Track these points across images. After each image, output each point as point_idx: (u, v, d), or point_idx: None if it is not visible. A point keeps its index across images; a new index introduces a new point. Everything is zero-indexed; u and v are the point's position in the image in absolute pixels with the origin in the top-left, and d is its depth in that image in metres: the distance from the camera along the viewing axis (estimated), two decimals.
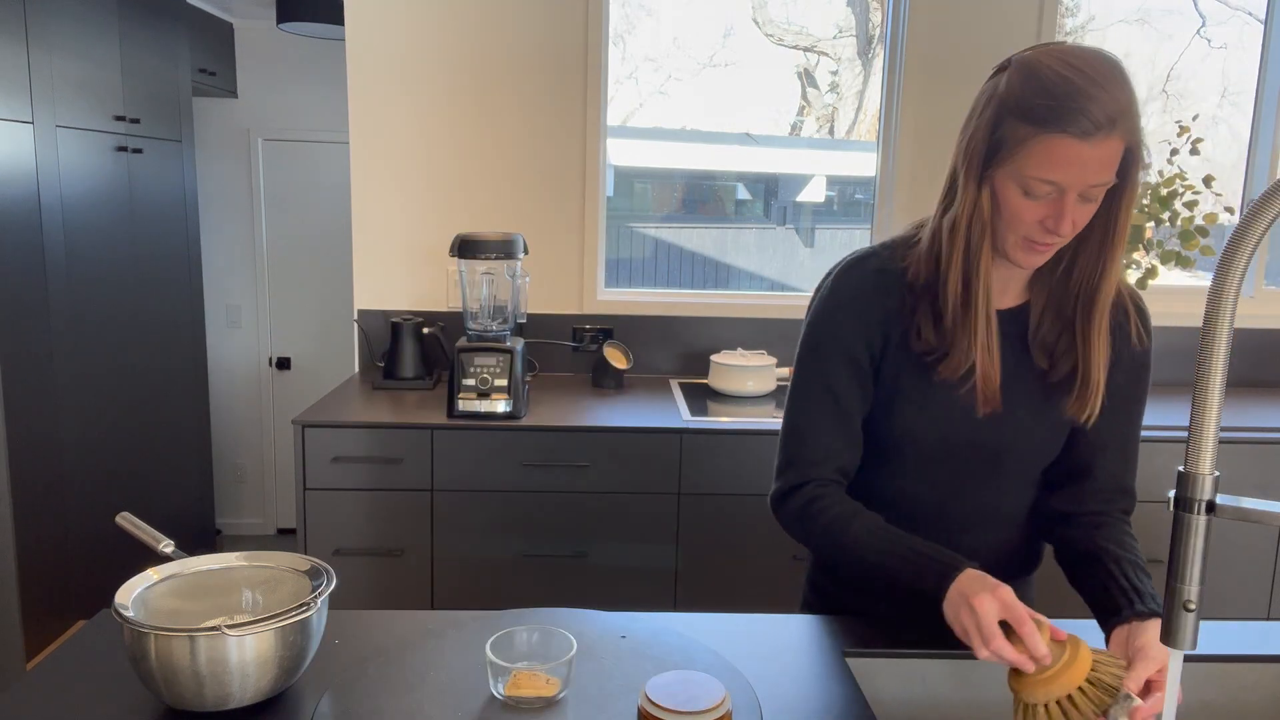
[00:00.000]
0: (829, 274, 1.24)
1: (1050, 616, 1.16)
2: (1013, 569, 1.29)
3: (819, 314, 1.22)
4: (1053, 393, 1.19)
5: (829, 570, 1.36)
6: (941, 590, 1.06)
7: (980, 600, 1.00)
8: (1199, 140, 2.60)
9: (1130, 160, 1.05)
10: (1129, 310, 1.21)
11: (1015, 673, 0.99)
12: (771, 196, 3.62)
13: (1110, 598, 1.10)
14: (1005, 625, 1.00)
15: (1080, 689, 0.95)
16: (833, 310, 1.21)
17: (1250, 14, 3.11)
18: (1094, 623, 1.15)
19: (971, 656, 1.17)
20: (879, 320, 1.19)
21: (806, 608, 1.40)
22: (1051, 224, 1.04)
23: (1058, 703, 0.95)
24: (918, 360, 1.18)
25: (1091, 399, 1.15)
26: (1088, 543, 1.19)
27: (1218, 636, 1.23)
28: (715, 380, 2.75)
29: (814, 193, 3.57)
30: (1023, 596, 1.33)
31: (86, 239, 3.05)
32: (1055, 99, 0.99)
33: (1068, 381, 1.19)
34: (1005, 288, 1.19)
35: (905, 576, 1.11)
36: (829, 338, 1.21)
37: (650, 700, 0.87)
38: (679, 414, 2.47)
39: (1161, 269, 2.64)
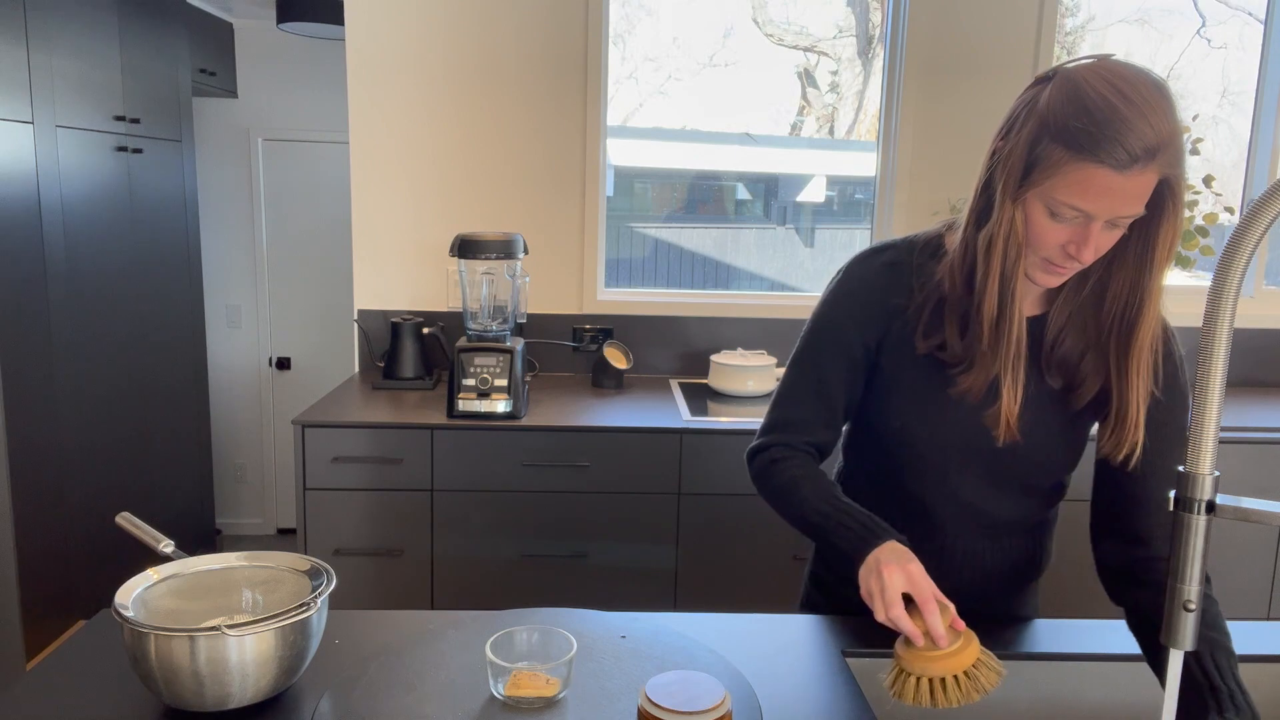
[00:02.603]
0: (845, 264, 1.26)
1: (1054, 617, 1.16)
2: (1012, 576, 1.28)
3: (825, 300, 1.25)
4: (1066, 413, 1.17)
5: (830, 565, 1.36)
6: (860, 555, 1.09)
7: (889, 569, 1.04)
8: (1199, 140, 2.61)
9: (1165, 192, 1.01)
10: (1171, 353, 1.16)
11: (905, 642, 1.03)
12: (771, 196, 3.62)
13: (1191, 697, 1.01)
14: (911, 600, 1.04)
15: (955, 677, 0.99)
16: (838, 298, 1.23)
17: (1250, 14, 3.11)
18: (1101, 623, 1.16)
19: None
20: (881, 313, 1.19)
21: (807, 602, 1.40)
22: (1074, 249, 1.02)
23: (929, 681, 1.00)
24: (920, 359, 1.17)
25: (1129, 436, 1.10)
26: (1159, 618, 1.08)
27: None
28: (715, 380, 2.75)
29: (814, 193, 3.57)
30: (1024, 603, 1.32)
31: (86, 239, 3.05)
32: (1096, 125, 0.95)
33: (1092, 409, 1.16)
34: (1024, 297, 1.16)
35: (834, 537, 1.14)
36: (827, 324, 1.23)
37: (650, 700, 0.87)
38: (679, 414, 2.47)
39: None
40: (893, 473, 1.24)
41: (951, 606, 1.03)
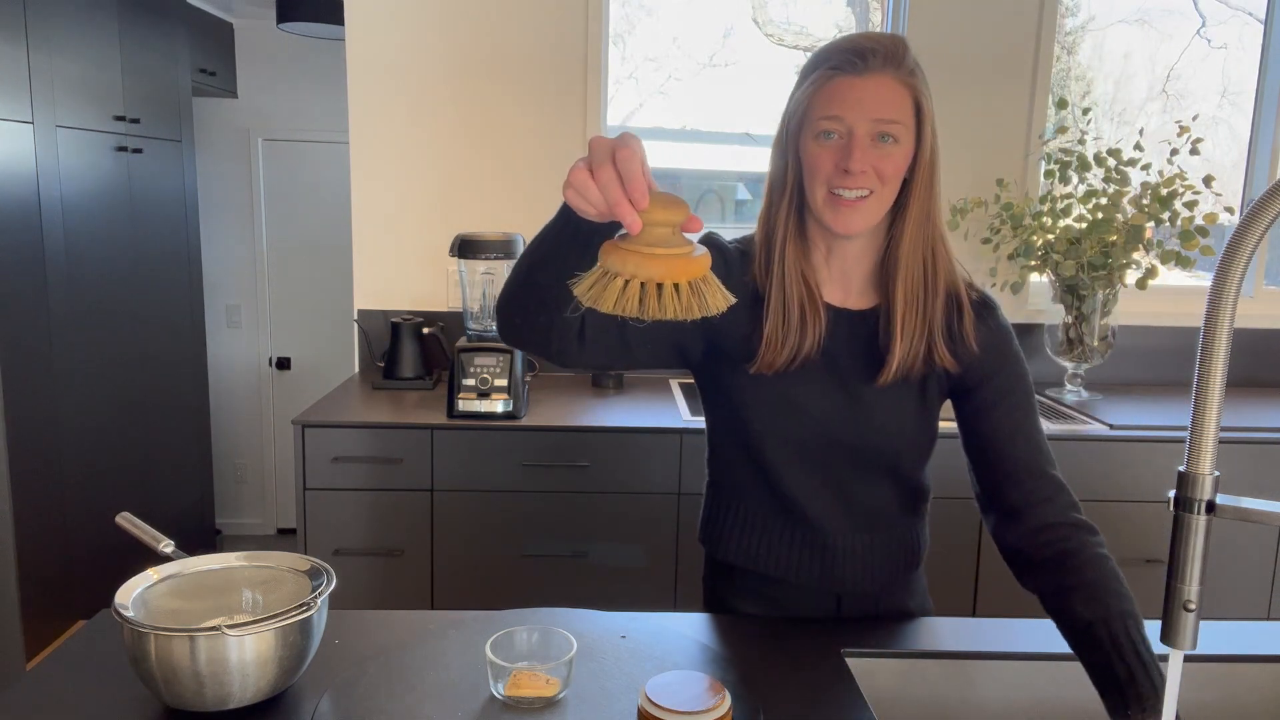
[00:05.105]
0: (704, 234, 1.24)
1: (1010, 616, 1.16)
2: (892, 567, 1.28)
3: None
4: (910, 389, 1.20)
5: (718, 567, 1.36)
6: (567, 213, 0.91)
7: (592, 140, 0.83)
8: (1199, 140, 2.60)
9: (919, 116, 1.11)
10: (964, 307, 1.19)
11: (618, 244, 0.79)
12: None
13: (1121, 700, 0.98)
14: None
15: (677, 285, 0.76)
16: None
17: (1250, 14, 3.11)
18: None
19: (971, 656, 1.17)
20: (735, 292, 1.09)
21: (708, 609, 1.39)
22: (843, 161, 1.07)
23: (642, 285, 0.76)
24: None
25: (892, 362, 1.14)
26: (1062, 605, 1.07)
27: (1218, 636, 1.23)
28: None
29: None
30: (911, 596, 1.32)
31: (86, 239, 3.05)
32: (830, 49, 1.10)
33: (937, 387, 1.21)
34: (848, 284, 1.20)
35: (549, 225, 0.95)
36: None
37: (650, 700, 0.87)
38: (679, 414, 2.47)
39: (1161, 269, 2.64)
40: (762, 477, 1.24)
41: (687, 206, 0.80)
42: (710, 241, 1.21)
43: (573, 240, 0.92)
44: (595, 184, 0.80)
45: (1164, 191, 2.58)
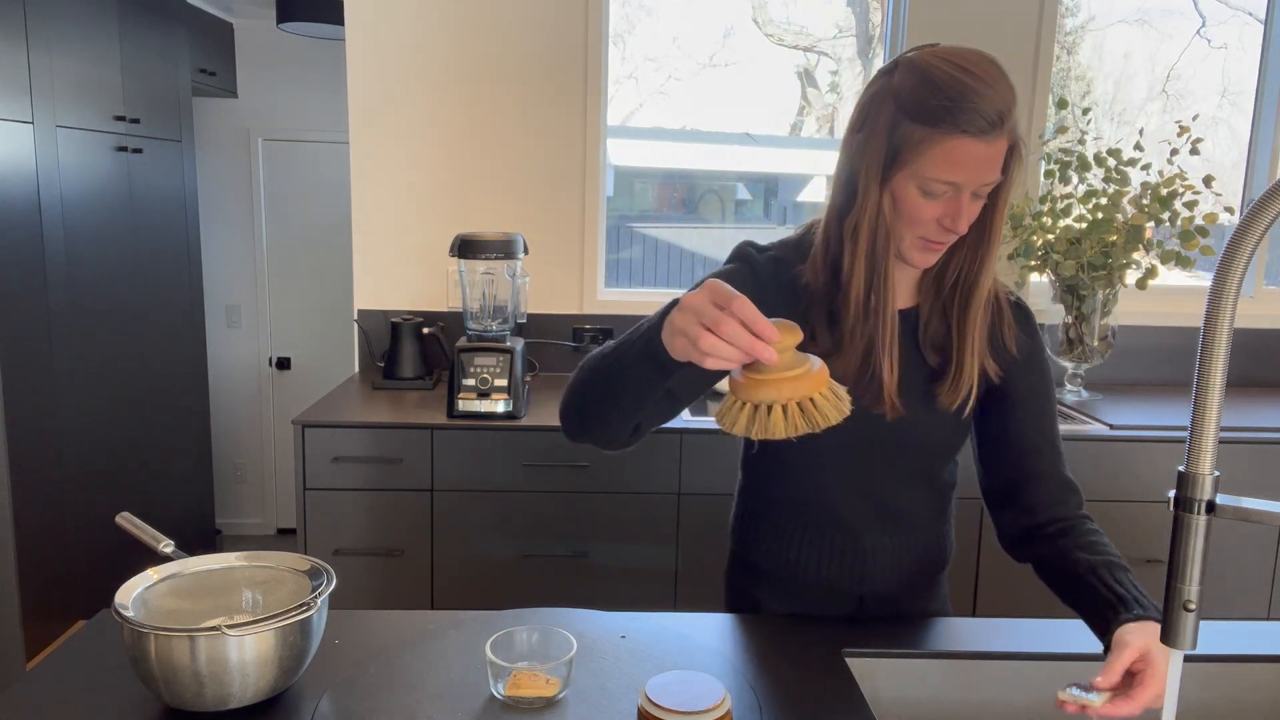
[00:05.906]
0: (734, 251, 1.22)
1: (1047, 618, 1.16)
2: (921, 570, 1.28)
3: (719, 276, 1.15)
4: (942, 389, 1.20)
5: (746, 565, 1.35)
6: (657, 330, 0.94)
7: (686, 298, 0.88)
8: (1199, 140, 2.60)
9: (1011, 157, 1.07)
10: (1004, 312, 1.21)
11: (747, 376, 0.88)
12: (771, 196, 3.62)
13: (1099, 612, 1.07)
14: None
15: (821, 394, 0.87)
16: (734, 277, 1.15)
17: (1250, 14, 3.11)
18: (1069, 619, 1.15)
19: (971, 657, 1.17)
20: (773, 305, 1.07)
21: (731, 604, 1.38)
22: (949, 222, 1.06)
23: (799, 405, 0.86)
24: None
25: (963, 388, 1.17)
26: (1060, 558, 1.16)
27: (1218, 636, 1.23)
28: None
29: (814, 193, 3.57)
30: (934, 598, 1.33)
31: (86, 239, 3.05)
32: (950, 100, 1.00)
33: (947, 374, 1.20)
34: (897, 289, 1.19)
35: (628, 353, 0.99)
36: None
37: (650, 700, 0.87)
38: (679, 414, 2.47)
39: (1161, 269, 2.64)
40: (798, 482, 1.24)
41: (795, 323, 0.89)
42: (741, 255, 1.20)
43: (660, 371, 0.96)
44: (724, 340, 0.84)
45: (1164, 191, 2.58)
